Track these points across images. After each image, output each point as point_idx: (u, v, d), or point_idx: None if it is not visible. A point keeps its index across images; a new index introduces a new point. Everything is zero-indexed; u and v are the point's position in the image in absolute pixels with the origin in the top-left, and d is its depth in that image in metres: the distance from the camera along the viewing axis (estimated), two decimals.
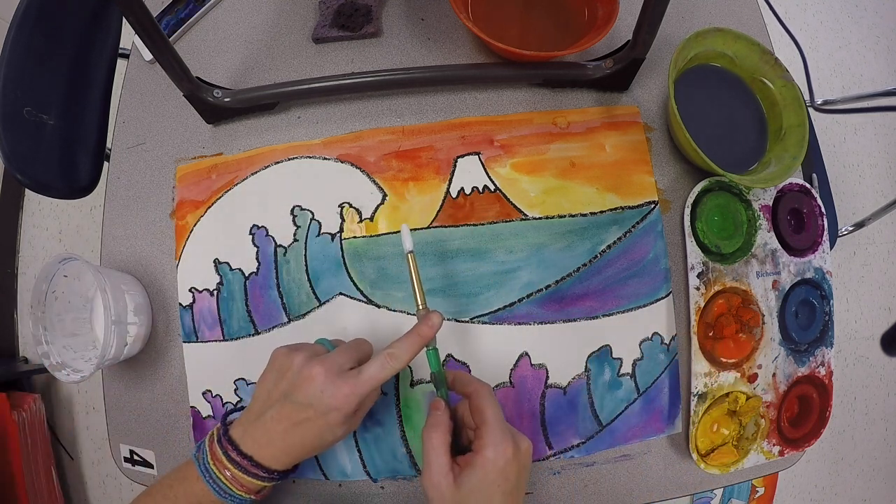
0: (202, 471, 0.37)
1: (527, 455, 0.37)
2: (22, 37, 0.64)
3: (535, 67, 0.53)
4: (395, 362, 0.37)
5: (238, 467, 0.36)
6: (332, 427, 0.36)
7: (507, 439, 0.36)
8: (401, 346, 0.37)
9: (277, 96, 0.53)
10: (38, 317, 0.49)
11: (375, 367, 0.37)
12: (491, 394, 0.38)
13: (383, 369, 0.36)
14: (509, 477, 0.35)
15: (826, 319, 0.52)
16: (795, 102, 0.51)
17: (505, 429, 0.36)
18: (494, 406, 0.37)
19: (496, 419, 0.36)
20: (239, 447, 0.37)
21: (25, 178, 0.62)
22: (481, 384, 0.39)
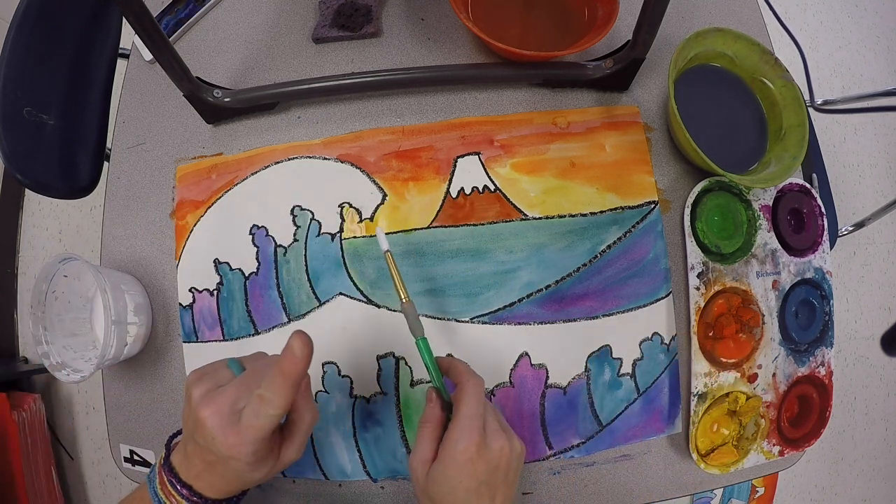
0: (153, 496, 0.36)
1: (501, 454, 0.36)
2: (22, 37, 0.64)
3: (535, 67, 0.53)
4: (268, 407, 0.32)
5: (181, 495, 0.35)
6: (245, 471, 0.34)
7: (473, 436, 0.35)
8: (269, 388, 0.32)
9: (277, 96, 0.53)
10: (38, 317, 0.49)
11: (250, 415, 0.32)
12: (474, 388, 0.38)
13: (258, 417, 0.32)
14: (476, 475, 0.35)
15: (826, 319, 0.52)
16: (795, 102, 0.51)
17: (474, 425, 0.36)
18: (471, 401, 0.37)
19: (467, 415, 0.36)
20: (178, 475, 0.35)
21: (25, 178, 0.62)
22: (469, 378, 0.38)
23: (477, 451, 0.35)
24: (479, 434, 0.35)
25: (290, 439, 0.36)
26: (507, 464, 0.36)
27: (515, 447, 0.37)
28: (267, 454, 0.35)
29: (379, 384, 0.48)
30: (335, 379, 0.49)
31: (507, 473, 0.36)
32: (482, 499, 0.35)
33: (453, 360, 0.41)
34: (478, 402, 0.37)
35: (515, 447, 0.37)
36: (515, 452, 0.37)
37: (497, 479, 0.36)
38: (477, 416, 0.36)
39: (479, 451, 0.35)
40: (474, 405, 0.37)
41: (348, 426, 0.48)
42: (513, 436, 0.38)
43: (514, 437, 0.38)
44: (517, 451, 0.37)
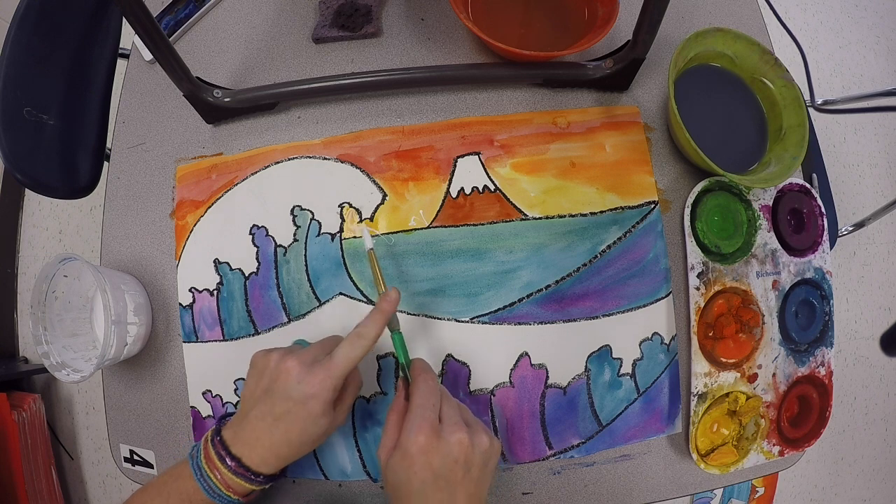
0: (195, 470, 0.38)
1: (460, 447, 0.35)
2: (22, 37, 0.64)
3: (535, 67, 0.53)
4: (364, 340, 0.38)
5: (228, 468, 0.37)
6: (314, 417, 0.36)
7: (424, 427, 0.35)
8: (366, 324, 0.38)
9: (277, 96, 0.53)
10: (38, 317, 0.49)
11: (345, 349, 0.37)
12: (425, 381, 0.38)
13: (353, 349, 0.37)
14: (430, 466, 0.35)
15: (826, 319, 0.52)
16: (795, 102, 0.51)
17: (425, 416, 0.36)
18: (422, 393, 0.37)
19: (418, 405, 0.37)
20: (229, 449, 0.37)
21: (25, 178, 0.62)
22: (421, 372, 0.39)
23: (428, 441, 0.35)
24: (431, 425, 0.35)
25: (342, 401, 0.39)
26: (467, 458, 0.36)
27: (480, 443, 0.36)
28: (332, 405, 0.37)
29: (379, 384, 0.48)
30: None
31: (468, 468, 0.36)
32: (440, 492, 0.35)
33: (416, 360, 0.42)
34: (429, 393, 0.37)
35: (480, 443, 0.36)
36: (480, 448, 0.36)
37: (456, 474, 0.35)
38: (428, 407, 0.36)
39: (430, 443, 0.35)
40: (425, 396, 0.37)
41: (348, 426, 0.48)
42: (479, 432, 0.37)
43: (482, 433, 0.37)
44: (482, 446, 0.36)
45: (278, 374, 0.37)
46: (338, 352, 0.37)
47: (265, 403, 0.37)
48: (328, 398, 0.36)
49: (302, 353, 0.38)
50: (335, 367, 0.37)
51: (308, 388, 0.36)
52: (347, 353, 0.37)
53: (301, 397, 0.36)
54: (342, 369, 0.37)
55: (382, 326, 0.39)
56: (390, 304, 0.40)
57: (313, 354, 0.38)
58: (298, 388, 0.36)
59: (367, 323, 0.39)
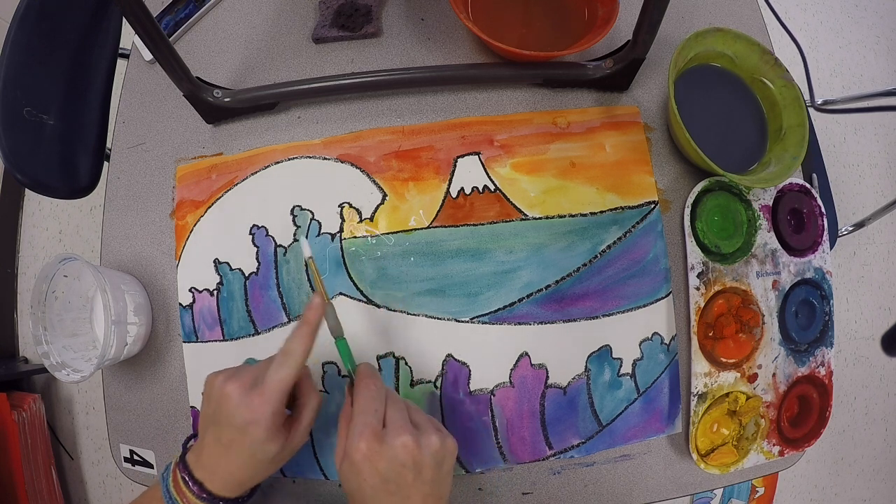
0: (165, 493, 0.37)
1: (405, 451, 0.34)
2: (22, 37, 0.64)
3: (535, 67, 0.53)
4: (291, 358, 0.36)
5: (192, 493, 0.36)
6: (259, 443, 0.35)
7: (364, 433, 0.34)
8: (292, 340, 0.37)
9: (277, 96, 0.53)
10: (38, 317, 0.49)
11: (274, 370, 0.36)
12: (365, 387, 0.37)
13: (282, 369, 0.36)
14: (377, 471, 0.34)
15: (826, 319, 0.52)
16: (795, 102, 0.51)
17: (366, 422, 0.35)
18: (360, 399, 0.36)
19: (357, 411, 0.36)
20: (192, 473, 0.37)
21: (25, 178, 0.62)
22: (362, 378, 0.38)
23: (369, 447, 0.34)
24: (372, 431, 0.35)
25: (298, 421, 0.38)
26: (416, 460, 0.34)
27: (428, 444, 0.35)
28: (280, 427, 0.36)
29: None
30: (335, 379, 0.49)
31: (419, 470, 0.35)
32: (392, 496, 0.34)
33: (361, 365, 0.40)
34: (370, 398, 0.36)
35: (428, 444, 0.35)
36: (429, 449, 0.35)
37: (406, 477, 0.34)
38: (369, 413, 0.36)
39: (372, 448, 0.34)
40: (366, 402, 0.36)
41: None
42: (428, 433, 0.36)
43: (432, 434, 0.36)
44: (431, 447, 0.35)
45: (220, 400, 0.36)
46: (268, 374, 0.36)
47: (214, 430, 0.37)
48: (268, 423, 0.35)
49: (244, 376, 0.37)
50: (268, 391, 0.35)
51: (247, 414, 0.35)
52: (277, 375, 0.36)
53: (241, 424, 0.35)
54: (275, 392, 0.35)
55: (310, 340, 0.37)
56: (315, 313, 0.38)
57: (254, 376, 0.37)
58: (238, 414, 0.35)
59: (293, 338, 0.37)
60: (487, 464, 0.48)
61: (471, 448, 0.48)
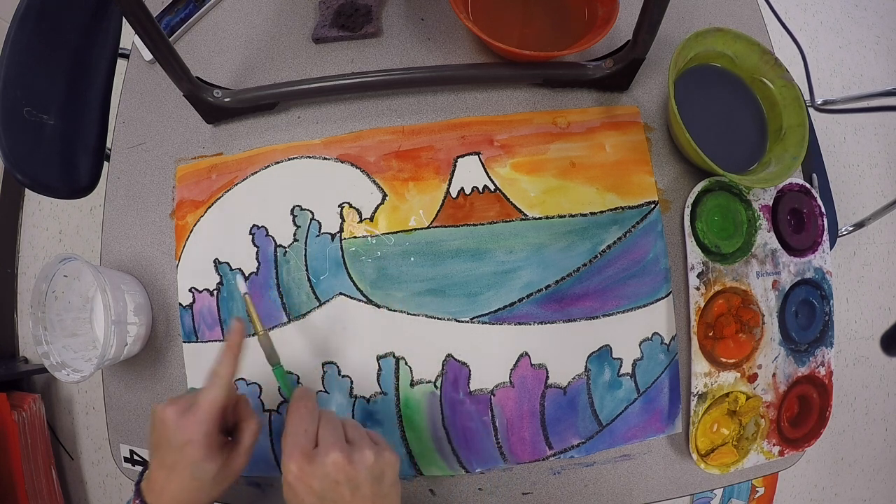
0: None
1: (337, 468, 0.34)
2: (22, 37, 0.64)
3: (535, 67, 0.53)
4: (219, 379, 0.38)
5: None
6: (197, 463, 0.36)
7: (293, 454, 0.35)
8: (219, 363, 0.39)
9: (277, 96, 0.53)
10: (38, 317, 0.49)
11: (205, 391, 0.38)
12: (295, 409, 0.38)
13: (212, 389, 0.37)
14: (311, 490, 0.34)
15: (826, 319, 0.52)
16: (795, 102, 0.51)
17: (294, 442, 0.35)
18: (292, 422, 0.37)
19: (288, 435, 0.36)
20: (144, 498, 0.38)
21: (25, 178, 0.62)
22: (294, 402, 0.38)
23: (300, 468, 0.34)
24: (302, 451, 0.35)
25: (238, 443, 0.40)
26: (349, 477, 0.34)
27: (362, 459, 0.35)
28: (217, 446, 0.37)
29: (379, 384, 0.48)
30: (335, 379, 0.49)
31: (355, 486, 0.35)
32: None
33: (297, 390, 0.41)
34: (299, 419, 0.37)
35: (362, 459, 0.35)
36: (363, 464, 0.35)
37: (342, 494, 0.34)
38: (298, 434, 0.36)
39: (303, 469, 0.34)
40: (295, 423, 0.37)
41: None
42: (362, 448, 0.36)
43: (366, 449, 0.36)
44: (365, 462, 0.35)
45: (160, 425, 0.37)
46: (200, 395, 0.38)
47: (158, 454, 0.38)
48: (203, 442, 0.36)
49: (181, 401, 0.38)
50: (200, 412, 0.37)
51: (182, 435, 0.36)
52: (207, 396, 0.37)
53: (179, 445, 0.36)
54: (206, 412, 0.37)
55: (234, 362, 0.39)
56: (235, 335, 0.40)
57: (190, 400, 0.38)
58: (175, 436, 0.37)
59: (219, 361, 0.39)
60: (487, 464, 0.48)
61: (471, 448, 0.48)
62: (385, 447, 0.37)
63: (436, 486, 0.49)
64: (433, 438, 0.48)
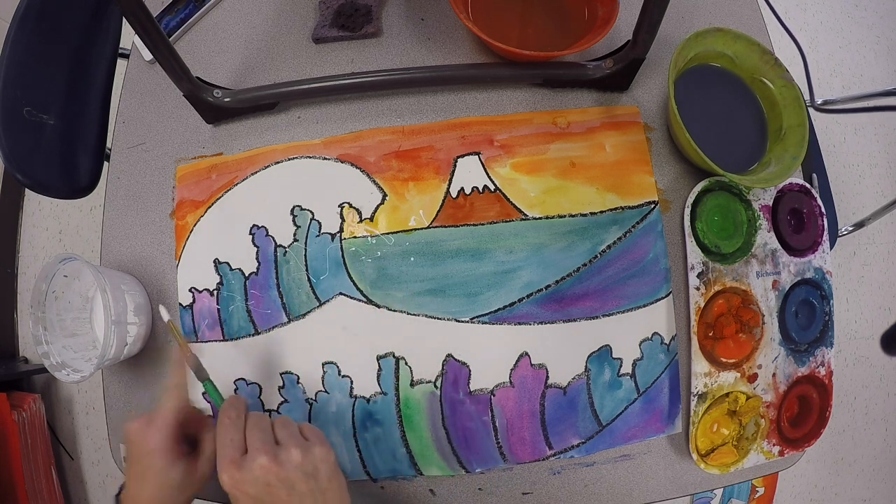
0: None
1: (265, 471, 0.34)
2: (22, 36, 0.64)
3: (535, 67, 0.53)
4: (171, 391, 0.40)
5: None
6: (161, 471, 0.37)
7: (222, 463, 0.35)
8: (169, 375, 0.42)
9: (277, 96, 0.53)
10: (38, 317, 0.49)
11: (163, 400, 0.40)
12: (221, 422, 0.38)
13: (169, 399, 0.40)
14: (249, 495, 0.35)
15: (826, 319, 0.52)
16: (795, 102, 0.51)
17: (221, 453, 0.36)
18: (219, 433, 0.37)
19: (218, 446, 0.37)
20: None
21: (25, 178, 0.62)
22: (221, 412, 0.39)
23: (230, 477, 0.35)
24: (230, 460, 0.35)
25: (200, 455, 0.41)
26: (281, 478, 0.35)
27: (289, 459, 0.35)
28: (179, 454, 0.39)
29: (379, 384, 0.48)
30: (335, 379, 0.49)
31: (290, 486, 0.35)
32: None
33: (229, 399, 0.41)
34: (224, 430, 0.37)
35: (289, 459, 0.35)
36: (291, 464, 0.35)
37: (279, 495, 0.35)
38: (225, 444, 0.36)
39: (233, 476, 0.35)
40: (221, 434, 0.37)
41: (348, 426, 0.48)
42: (288, 448, 0.36)
43: (292, 448, 0.36)
44: (293, 462, 0.35)
45: (128, 436, 0.39)
46: (158, 408, 0.39)
47: (129, 466, 0.39)
48: (164, 450, 0.38)
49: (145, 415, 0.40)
50: (159, 419, 0.39)
51: (146, 444, 0.38)
52: (165, 404, 0.39)
53: (143, 454, 0.38)
54: (164, 420, 0.38)
55: (182, 372, 0.42)
56: (178, 352, 0.43)
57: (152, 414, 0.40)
58: (141, 446, 0.38)
59: (169, 374, 0.42)
60: (487, 464, 0.48)
61: (471, 448, 0.48)
62: (315, 442, 0.37)
63: (436, 486, 0.49)
64: (433, 438, 0.48)
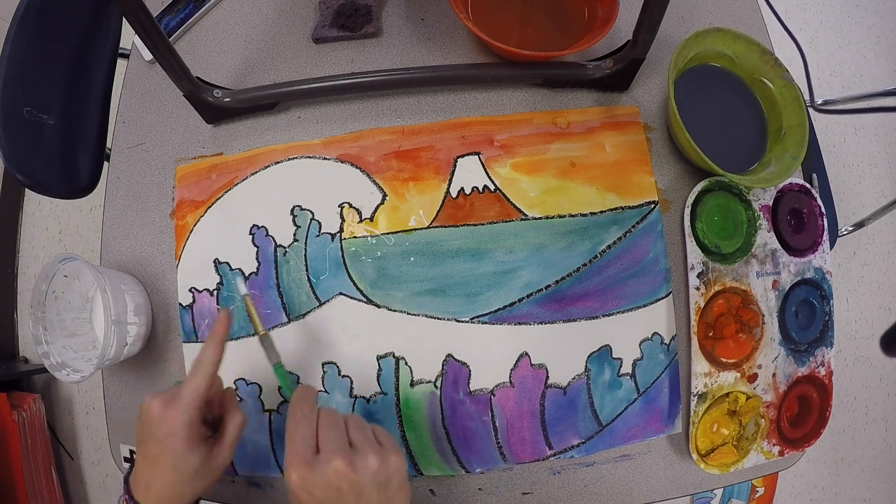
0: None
1: (339, 476, 0.33)
2: (22, 36, 0.64)
3: (535, 67, 0.53)
4: (202, 367, 0.38)
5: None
6: (179, 454, 0.36)
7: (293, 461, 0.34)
8: (203, 351, 0.39)
9: (277, 96, 0.53)
10: (38, 317, 0.49)
11: (188, 380, 0.38)
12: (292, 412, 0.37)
13: (195, 378, 0.38)
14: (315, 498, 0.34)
15: (826, 319, 0.52)
16: (795, 102, 0.51)
17: (293, 448, 0.35)
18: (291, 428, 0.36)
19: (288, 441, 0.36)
20: (131, 492, 0.38)
21: (25, 178, 0.62)
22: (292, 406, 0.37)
23: (300, 477, 0.33)
24: (302, 459, 0.34)
25: (221, 439, 0.39)
26: (353, 484, 0.33)
27: (365, 466, 0.34)
28: (200, 438, 0.37)
29: (379, 384, 0.48)
30: (335, 379, 0.49)
31: (359, 493, 0.34)
32: None
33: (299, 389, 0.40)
34: (295, 426, 0.36)
35: (365, 466, 0.34)
36: (367, 471, 0.34)
37: (346, 502, 0.34)
38: (297, 441, 0.35)
39: (303, 476, 0.33)
40: (293, 430, 0.36)
41: None
42: (365, 454, 0.35)
43: (370, 454, 0.34)
44: (369, 469, 0.34)
45: (146, 417, 0.38)
46: (183, 386, 0.38)
47: (143, 447, 0.38)
48: (185, 433, 0.36)
49: (166, 393, 0.38)
50: (183, 401, 0.37)
51: (165, 425, 0.36)
52: (190, 384, 0.37)
53: (162, 436, 0.36)
54: (188, 401, 0.37)
55: (218, 350, 0.39)
56: (221, 324, 0.40)
57: (174, 392, 0.38)
58: (158, 427, 0.37)
59: (203, 349, 0.39)
60: (487, 464, 0.48)
61: (471, 448, 0.48)
62: (391, 450, 0.36)
63: (436, 486, 0.49)
64: (433, 438, 0.48)
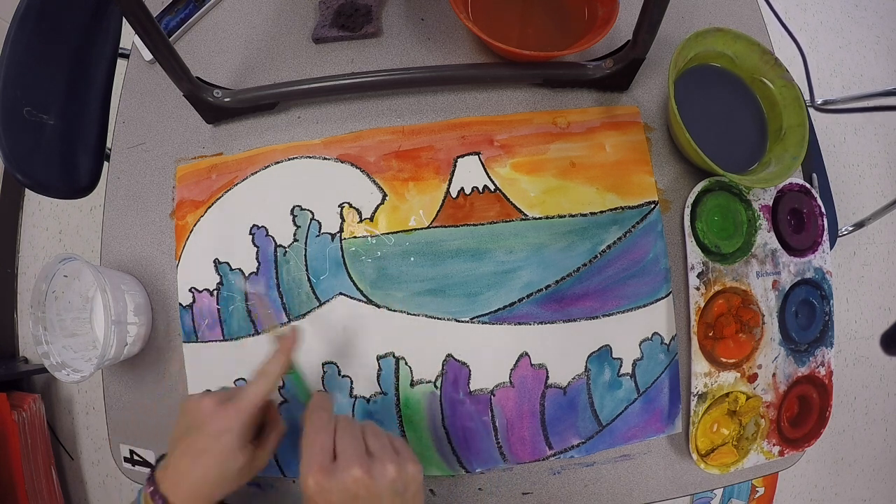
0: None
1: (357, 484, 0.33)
2: (22, 36, 0.64)
3: (535, 67, 0.53)
4: (267, 377, 0.40)
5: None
6: (230, 452, 0.38)
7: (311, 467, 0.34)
8: (270, 363, 0.41)
9: (277, 96, 0.53)
10: (38, 317, 0.49)
11: (252, 385, 0.39)
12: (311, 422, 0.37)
13: (259, 385, 0.39)
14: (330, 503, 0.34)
15: (826, 319, 0.52)
16: (795, 102, 0.51)
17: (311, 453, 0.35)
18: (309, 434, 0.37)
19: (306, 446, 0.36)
20: (158, 487, 0.38)
21: (25, 178, 0.62)
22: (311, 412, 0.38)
23: (317, 483, 0.34)
24: (320, 465, 0.34)
25: (264, 443, 0.41)
26: (370, 491, 0.34)
27: (383, 474, 0.34)
28: (248, 441, 0.39)
29: (379, 384, 0.48)
30: (335, 379, 0.49)
31: (376, 501, 0.34)
32: None
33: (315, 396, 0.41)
34: (314, 432, 0.36)
35: (383, 474, 0.34)
36: (384, 479, 0.34)
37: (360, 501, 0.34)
38: (315, 445, 0.35)
39: (321, 482, 0.34)
40: (311, 436, 0.36)
41: None
42: (383, 462, 0.35)
43: (388, 463, 0.35)
44: (386, 477, 0.34)
45: (196, 412, 0.39)
46: (246, 388, 0.39)
47: (187, 440, 0.38)
48: (240, 432, 0.38)
49: (218, 394, 0.40)
50: (243, 403, 0.38)
51: (221, 423, 0.38)
52: (254, 390, 0.39)
53: (215, 432, 0.38)
54: (250, 404, 0.38)
55: (285, 364, 0.41)
56: (290, 342, 0.42)
57: (228, 394, 0.40)
58: (213, 423, 0.38)
59: (270, 361, 0.41)
60: (487, 464, 0.48)
61: (471, 448, 0.48)
62: (407, 458, 0.36)
63: (436, 486, 0.49)
64: (433, 438, 0.48)
